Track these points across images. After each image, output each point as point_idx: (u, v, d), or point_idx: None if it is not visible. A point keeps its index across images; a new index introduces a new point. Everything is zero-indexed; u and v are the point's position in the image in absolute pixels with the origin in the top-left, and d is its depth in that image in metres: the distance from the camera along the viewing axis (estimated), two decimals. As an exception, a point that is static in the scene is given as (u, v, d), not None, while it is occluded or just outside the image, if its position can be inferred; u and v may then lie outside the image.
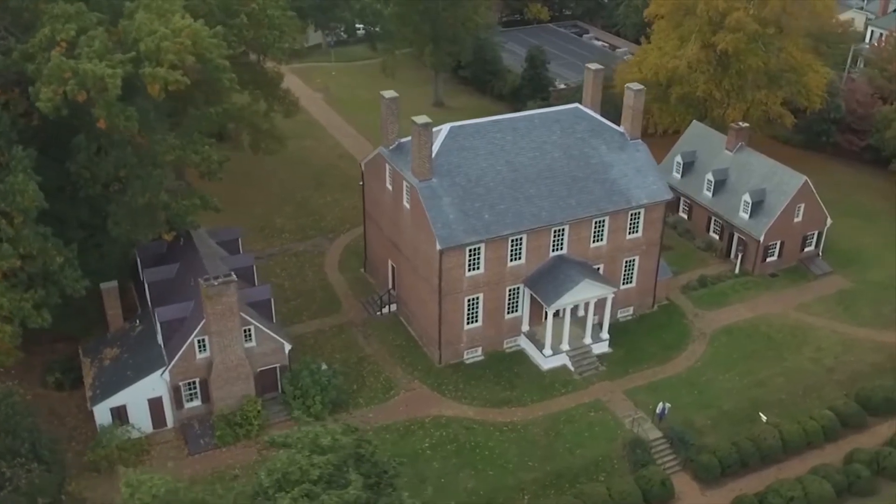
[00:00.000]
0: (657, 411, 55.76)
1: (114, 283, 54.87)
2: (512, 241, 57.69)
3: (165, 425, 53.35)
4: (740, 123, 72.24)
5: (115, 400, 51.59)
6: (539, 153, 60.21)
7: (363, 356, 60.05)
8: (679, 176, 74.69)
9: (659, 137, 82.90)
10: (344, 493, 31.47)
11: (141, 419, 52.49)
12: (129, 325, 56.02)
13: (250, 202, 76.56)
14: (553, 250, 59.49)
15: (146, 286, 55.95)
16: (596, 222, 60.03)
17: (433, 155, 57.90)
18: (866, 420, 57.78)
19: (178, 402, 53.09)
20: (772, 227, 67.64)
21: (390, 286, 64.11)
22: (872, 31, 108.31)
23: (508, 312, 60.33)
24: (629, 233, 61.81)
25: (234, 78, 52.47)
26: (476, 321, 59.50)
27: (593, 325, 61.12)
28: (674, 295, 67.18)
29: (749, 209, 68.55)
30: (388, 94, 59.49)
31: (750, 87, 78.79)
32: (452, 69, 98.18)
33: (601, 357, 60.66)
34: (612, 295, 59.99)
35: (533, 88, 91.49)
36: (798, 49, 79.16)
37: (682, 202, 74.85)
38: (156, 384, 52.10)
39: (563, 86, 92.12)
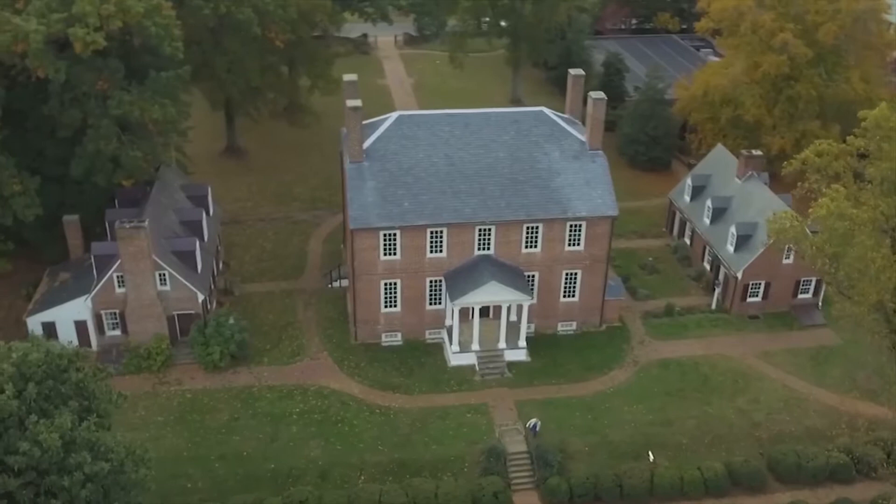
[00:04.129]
0: (529, 426, 54.51)
1: (75, 217, 61.96)
2: (431, 232, 58.41)
3: (90, 347, 59.79)
4: (753, 151, 67.12)
5: (46, 316, 58.57)
6: (483, 151, 60.18)
7: (292, 321, 63.38)
8: (688, 199, 70.68)
9: (708, 159, 78.43)
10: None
11: (69, 338, 58.88)
12: (86, 255, 63.11)
13: (285, 169, 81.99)
14: (478, 249, 59.37)
15: (107, 224, 62.78)
16: (528, 228, 59.09)
17: (375, 139, 60.00)
18: (766, 483, 52.94)
19: (100, 328, 59.41)
20: (753, 264, 62.58)
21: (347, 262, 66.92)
22: None
23: (430, 304, 61.04)
24: (568, 245, 60.12)
25: (178, 46, 57.59)
26: (395, 306, 60.83)
27: (513, 331, 60.38)
28: (630, 318, 64.29)
29: (735, 242, 63.83)
30: (349, 77, 61.86)
31: (801, 116, 72.40)
32: (544, 69, 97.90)
33: (513, 364, 59.77)
34: (527, 303, 58.78)
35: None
36: (862, 80, 71.56)
37: (687, 227, 70.86)
38: (81, 309, 58.57)
39: (634, 95, 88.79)
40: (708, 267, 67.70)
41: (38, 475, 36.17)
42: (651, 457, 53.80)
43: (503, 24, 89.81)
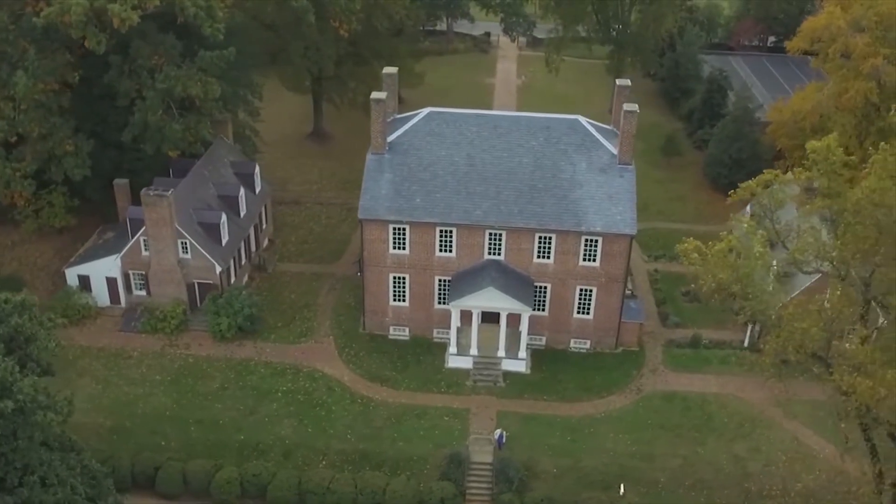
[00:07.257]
0: (495, 437, 52.79)
1: (125, 181, 65.44)
2: (441, 231, 57.72)
3: (119, 304, 63.55)
4: (814, 183, 61.30)
5: (82, 269, 62.84)
6: (507, 154, 58.73)
7: (311, 303, 64.49)
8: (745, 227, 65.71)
9: (793, 189, 72.55)
10: None
11: (100, 292, 63.12)
12: (131, 218, 66.94)
13: (363, 158, 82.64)
14: (488, 253, 58.07)
15: (154, 191, 66.27)
16: (540, 237, 57.14)
17: (402, 133, 60.07)
18: (738, 538, 48.78)
19: (128, 287, 62.94)
20: (789, 303, 57.39)
21: (378, 252, 67.20)
22: None
23: (439, 302, 60.29)
24: (583, 259, 57.63)
25: (219, 28, 59.79)
26: (403, 301, 60.57)
27: (513, 341, 58.56)
28: (651, 345, 60.78)
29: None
30: (388, 70, 61.89)
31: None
32: (654, 80, 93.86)
33: (509, 374, 58.05)
34: (527, 314, 56.77)
35: (703, 113, 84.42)
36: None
37: (741, 257, 65.92)
38: (112, 266, 62.32)
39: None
40: (751, 302, 62.86)
41: (-50, 404, 39.05)
42: (622, 490, 50.85)
43: (612, 30, 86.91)
